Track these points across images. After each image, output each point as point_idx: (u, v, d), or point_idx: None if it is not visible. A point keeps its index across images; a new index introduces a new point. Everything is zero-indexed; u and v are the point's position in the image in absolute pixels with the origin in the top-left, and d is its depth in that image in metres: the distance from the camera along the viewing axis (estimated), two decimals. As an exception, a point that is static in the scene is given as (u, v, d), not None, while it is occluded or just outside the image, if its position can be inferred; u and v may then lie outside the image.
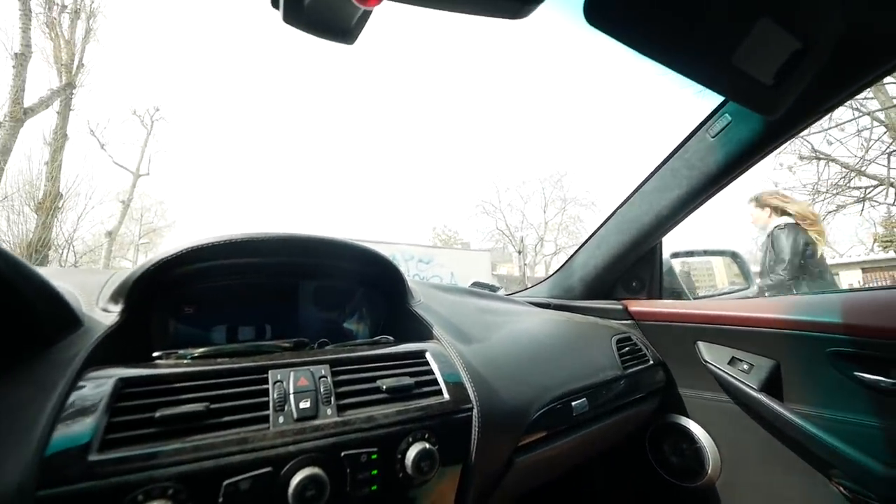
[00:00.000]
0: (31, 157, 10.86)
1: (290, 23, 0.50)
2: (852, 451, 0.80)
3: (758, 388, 0.94)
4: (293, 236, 0.71)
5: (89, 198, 14.42)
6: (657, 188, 1.13)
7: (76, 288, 0.61)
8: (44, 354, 0.47)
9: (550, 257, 21.34)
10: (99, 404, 0.43)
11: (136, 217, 18.68)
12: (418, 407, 0.59)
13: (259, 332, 0.78)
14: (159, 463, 0.41)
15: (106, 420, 0.42)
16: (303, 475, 0.46)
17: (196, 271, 0.69)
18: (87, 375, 0.46)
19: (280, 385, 0.53)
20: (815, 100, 0.80)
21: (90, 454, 0.39)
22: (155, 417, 0.44)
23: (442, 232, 25.25)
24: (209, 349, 0.58)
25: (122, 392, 0.45)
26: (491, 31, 37.66)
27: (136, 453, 0.41)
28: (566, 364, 0.91)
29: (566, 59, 36.79)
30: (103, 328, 0.54)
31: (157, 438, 0.43)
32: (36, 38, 9.51)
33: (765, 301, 1.06)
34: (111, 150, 15.18)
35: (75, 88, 11.25)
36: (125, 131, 23.41)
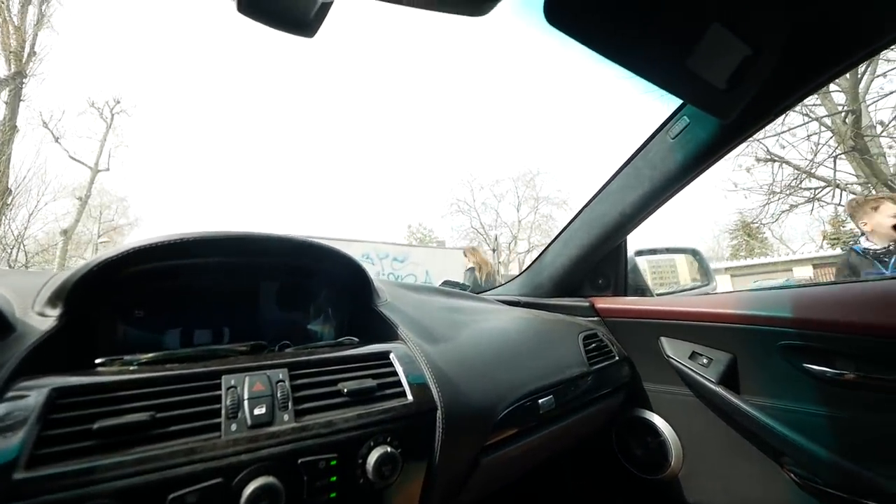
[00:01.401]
0: (-26, 151, 10.11)
1: (245, 13, 0.48)
2: (801, 438, 0.84)
3: (716, 382, 0.97)
4: (249, 235, 0.68)
5: (42, 194, 13.61)
6: (621, 187, 1.15)
7: (9, 291, 0.57)
8: None
9: (524, 255, 21.66)
10: (28, 417, 0.40)
11: (95, 215, 17.72)
12: (380, 410, 0.58)
13: (217, 336, 0.75)
14: (96, 478, 0.38)
15: (36, 434, 0.39)
16: (256, 485, 0.44)
17: (146, 272, 0.66)
18: (16, 385, 0.43)
19: (233, 391, 0.51)
20: (767, 103, 0.83)
21: (16, 472, 0.36)
22: (93, 429, 0.41)
23: (417, 230, 25.20)
24: (158, 354, 0.55)
25: (56, 403, 0.42)
26: (463, 30, 37.73)
27: (70, 469, 0.38)
28: (533, 362, 0.91)
29: (537, 59, 37.33)
30: (38, 334, 0.50)
31: (95, 452, 0.40)
32: (-21, 22, 8.85)
33: (723, 296, 1.10)
34: (67, 144, 14.35)
35: (26, 77, 10.56)
36: (82, 124, 22.12)
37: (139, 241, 0.59)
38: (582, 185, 26.99)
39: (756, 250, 18.10)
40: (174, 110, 37.09)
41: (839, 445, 0.81)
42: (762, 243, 18.21)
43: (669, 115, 1.00)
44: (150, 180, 36.17)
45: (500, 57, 38.53)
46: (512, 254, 21.88)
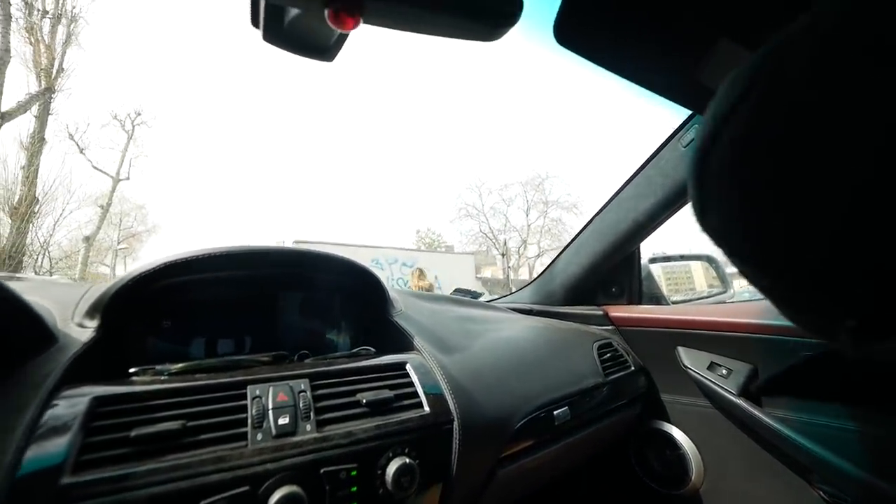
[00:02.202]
0: (6, 162, 10.58)
1: (269, 41, 0.50)
2: (830, 455, 0.80)
3: (737, 393, 0.95)
4: (273, 249, 0.71)
5: (66, 202, 14.10)
6: (633, 195, 1.15)
7: (51, 303, 0.60)
8: (16, 373, 0.46)
9: (534, 260, 21.50)
10: (73, 424, 0.42)
11: (115, 222, 18.25)
12: (398, 421, 0.59)
13: (238, 345, 0.77)
14: (134, 484, 0.41)
15: (80, 440, 0.42)
16: (281, 493, 0.46)
17: (174, 285, 0.69)
18: (61, 394, 0.45)
19: (259, 401, 0.53)
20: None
21: (63, 477, 0.39)
22: (130, 437, 0.43)
23: (426, 235, 25.24)
24: (187, 365, 0.58)
25: (97, 411, 0.45)
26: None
27: (111, 475, 0.40)
28: (548, 372, 0.91)
29: (545, 67, 37.35)
30: (79, 345, 0.53)
31: (132, 459, 0.42)
32: (15, 42, 9.29)
33: (742, 306, 1.08)
34: (90, 155, 14.86)
35: (55, 93, 11.00)
36: (105, 135, 22.93)
37: (170, 256, 0.62)
38: (592, 187, 26.73)
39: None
40: (189, 119, 38.14)
41: (871, 463, 0.78)
42: None
43: (680, 123, 1.00)
44: (168, 188, 37.16)
45: (509, 63, 38.67)
46: (522, 258, 21.74)
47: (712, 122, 0.24)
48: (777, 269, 0.24)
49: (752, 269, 0.26)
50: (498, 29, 0.46)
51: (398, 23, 0.43)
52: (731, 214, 0.25)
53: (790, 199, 0.21)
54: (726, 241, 0.26)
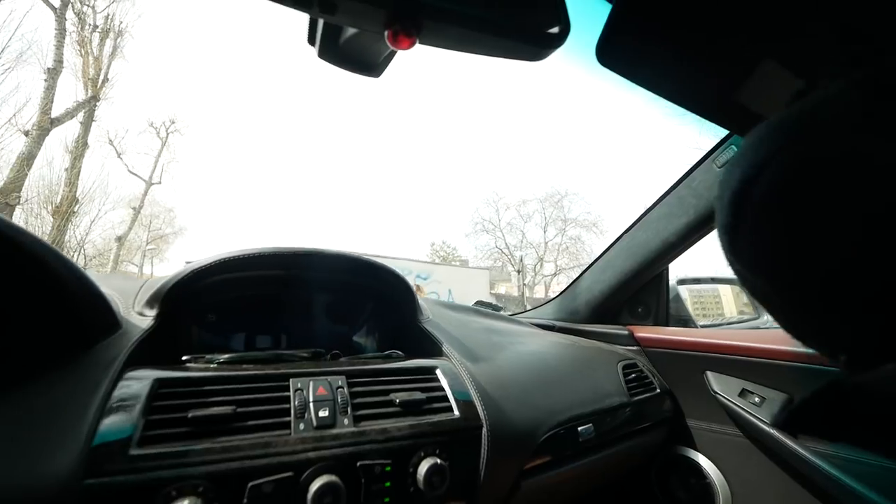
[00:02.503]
0: (52, 164, 11.19)
1: (324, 58, 0.54)
2: (871, 493, 0.76)
3: (770, 423, 0.92)
4: (316, 251, 0.74)
5: (103, 204, 14.76)
6: (664, 215, 1.15)
7: (113, 292, 0.65)
8: (88, 353, 0.50)
9: (550, 278, 21.16)
10: (138, 402, 0.46)
11: (146, 224, 18.97)
12: (430, 422, 0.61)
13: (275, 342, 0.81)
14: (191, 461, 0.44)
15: (144, 417, 0.45)
16: (321, 482, 0.48)
17: (220, 282, 0.73)
18: (126, 375, 0.49)
19: (300, 393, 0.55)
20: None
21: (131, 448, 0.42)
22: (188, 417, 0.46)
23: (440, 248, 25.26)
24: (234, 355, 0.61)
25: (158, 392, 0.48)
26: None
27: (171, 450, 0.43)
28: (572, 388, 0.91)
29: (571, 85, 37.56)
30: (140, 331, 0.57)
31: (189, 438, 0.46)
32: (67, 54, 9.94)
33: (777, 332, 1.05)
34: (127, 159, 15.62)
35: (99, 101, 11.66)
36: (141, 142, 24.07)
37: (224, 254, 0.66)
38: (612, 206, 26.38)
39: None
40: (216, 128, 39.75)
41: None
42: None
43: (716, 144, 1.01)
44: (195, 193, 38.54)
45: (532, 79, 39.07)
46: (537, 276, 21.48)
47: (760, 157, 0.26)
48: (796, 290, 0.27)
49: (772, 288, 0.28)
50: (545, 49, 0.49)
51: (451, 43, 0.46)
52: (765, 240, 0.27)
53: (814, 233, 0.24)
54: (753, 262, 0.28)
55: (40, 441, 0.40)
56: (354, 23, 0.44)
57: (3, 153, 8.15)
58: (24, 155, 8.55)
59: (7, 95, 9.04)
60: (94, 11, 11.45)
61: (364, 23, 0.42)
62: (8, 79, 7.68)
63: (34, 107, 8.98)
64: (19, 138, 8.60)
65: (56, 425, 0.41)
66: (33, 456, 0.38)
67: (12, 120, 8.38)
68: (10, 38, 8.04)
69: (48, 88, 9.23)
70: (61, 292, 0.48)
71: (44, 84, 9.22)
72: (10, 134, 8.30)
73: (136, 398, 0.46)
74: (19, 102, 9.23)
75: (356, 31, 0.48)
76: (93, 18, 11.61)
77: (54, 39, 9.62)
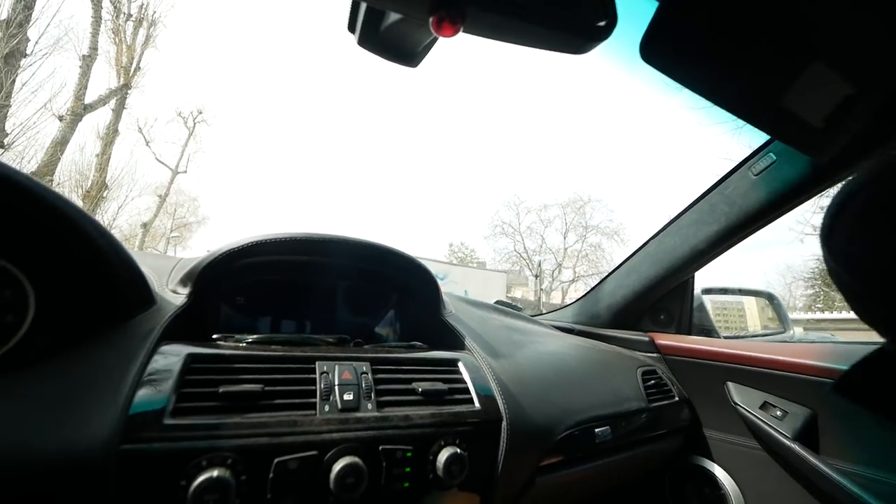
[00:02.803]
0: (84, 149, 11.57)
1: (364, 46, 0.54)
2: None
3: (791, 437, 0.90)
4: (345, 238, 0.75)
5: (130, 190, 15.20)
6: (694, 222, 1.13)
7: (148, 270, 0.67)
8: (125, 325, 0.52)
9: (568, 284, 20.94)
10: (172, 376, 0.47)
11: (170, 212, 19.47)
12: (451, 413, 0.61)
13: (299, 326, 0.82)
14: (221, 434, 0.45)
15: (177, 390, 0.46)
16: (344, 462, 0.49)
17: (251, 264, 0.74)
18: (161, 349, 0.51)
19: (326, 376, 0.56)
20: (871, 142, 0.78)
21: (165, 418, 0.43)
22: (219, 392, 0.48)
23: (458, 249, 25.25)
24: (262, 336, 0.62)
25: (190, 366, 0.50)
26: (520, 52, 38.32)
27: (203, 422, 0.45)
28: (590, 390, 0.91)
29: (599, 89, 37.09)
30: (173, 308, 0.59)
31: (220, 412, 0.47)
32: (102, 42, 10.26)
33: (802, 346, 1.03)
34: (155, 148, 16.07)
35: (131, 89, 12.01)
36: (169, 131, 24.73)
37: (257, 236, 0.68)
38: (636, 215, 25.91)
39: (838, 303, 16.15)
40: (243, 121, 40.52)
41: None
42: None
43: (753, 151, 0.98)
44: (219, 183, 39.41)
45: (557, 82, 38.70)
46: (555, 281, 21.27)
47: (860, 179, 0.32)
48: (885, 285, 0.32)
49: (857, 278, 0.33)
50: (589, 42, 0.48)
51: (495, 33, 0.46)
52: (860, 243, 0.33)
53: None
54: (845, 258, 0.34)
55: (81, 407, 0.41)
56: (399, 8, 0.44)
57: (38, 137, 8.46)
58: (58, 139, 8.86)
59: (43, 80, 9.40)
60: (129, 0, 11.80)
61: (409, 8, 0.42)
62: (45, 64, 8.01)
63: (68, 92, 9.30)
64: (53, 123, 8.92)
65: (95, 393, 0.43)
66: (75, 421, 0.40)
67: (48, 105, 8.70)
68: (48, 25, 8.33)
69: (82, 75, 9.55)
70: (100, 264, 0.50)
71: (78, 70, 9.54)
72: (45, 118, 8.61)
73: (169, 371, 0.47)
74: (55, 88, 9.58)
75: (398, 18, 0.48)
76: (128, 7, 11.96)
77: (90, 27, 9.94)
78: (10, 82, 7.28)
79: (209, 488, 0.41)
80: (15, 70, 7.44)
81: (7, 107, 7.27)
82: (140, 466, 0.41)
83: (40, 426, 0.39)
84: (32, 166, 8.31)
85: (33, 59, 7.84)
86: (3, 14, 7.39)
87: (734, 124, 1.30)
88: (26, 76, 7.79)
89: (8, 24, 7.34)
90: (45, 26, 8.27)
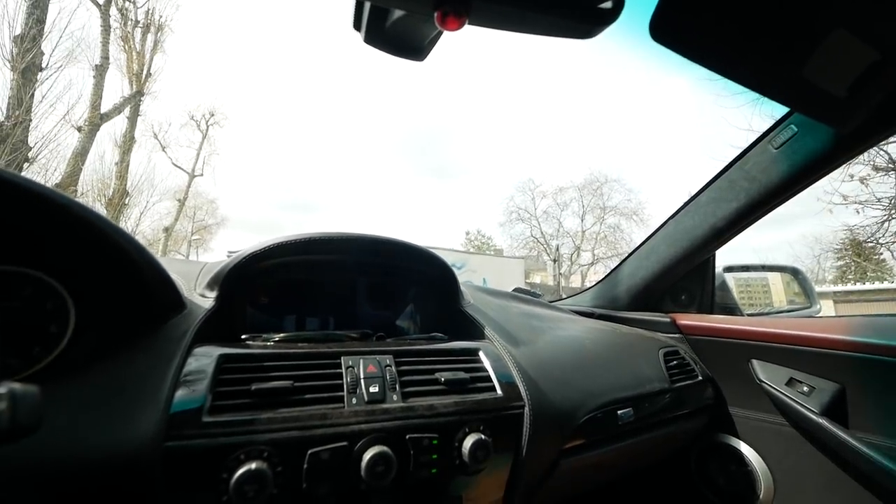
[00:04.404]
0: (103, 158, 11.89)
1: (370, 43, 0.54)
2: None
3: (819, 413, 0.89)
4: (365, 237, 0.77)
5: (150, 195, 15.60)
6: (713, 199, 1.11)
7: (177, 276, 0.70)
8: (160, 330, 0.55)
9: (587, 268, 20.71)
10: (206, 376, 0.50)
11: (190, 215, 19.93)
12: (474, 401, 0.63)
13: (323, 323, 0.85)
14: (256, 429, 0.47)
15: (213, 389, 0.49)
16: (374, 451, 0.51)
17: (274, 265, 0.77)
18: (194, 351, 0.53)
19: (352, 370, 0.58)
20: (894, 111, 0.76)
21: (203, 416, 0.46)
22: (251, 390, 0.50)
23: (475, 237, 25.21)
24: (289, 335, 0.65)
25: (223, 366, 0.52)
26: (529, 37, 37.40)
27: (239, 419, 0.47)
28: (612, 372, 0.91)
29: (607, 68, 36.03)
30: (203, 311, 0.62)
31: (253, 408, 0.49)
32: (112, 50, 10.43)
33: (828, 321, 1.01)
34: (171, 153, 16.42)
35: (143, 96, 12.23)
36: (183, 135, 25.21)
37: (278, 238, 0.70)
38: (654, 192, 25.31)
39: (870, 273, 15.41)
40: (252, 120, 40.93)
41: None
42: (878, 266, 15.40)
43: (773, 124, 0.95)
44: (233, 184, 40.14)
45: (565, 63, 37.77)
46: (574, 265, 21.05)
47: None
48: None
49: None
50: (597, 27, 0.47)
51: (501, 23, 0.45)
52: None
53: None
54: None
55: (126, 407, 0.44)
56: (404, 5, 0.43)
57: (59, 149, 8.72)
58: (78, 150, 9.12)
59: (61, 93, 9.64)
60: (135, 6, 11.93)
61: (414, 5, 0.42)
62: (61, 77, 8.20)
63: (85, 103, 9.53)
64: (73, 134, 9.17)
65: (137, 394, 0.45)
66: (121, 420, 0.43)
67: (66, 116, 8.94)
68: (60, 37, 8.51)
69: (97, 85, 9.76)
70: (133, 274, 0.52)
71: (92, 81, 9.75)
72: (64, 130, 8.86)
73: (204, 372, 0.50)
74: (71, 99, 9.82)
75: (403, 14, 0.48)
76: (134, 14, 12.11)
77: (100, 36, 10.11)
78: (28, 96, 7.49)
79: (249, 480, 0.44)
80: (32, 84, 7.65)
81: (28, 121, 7.50)
82: (184, 462, 0.44)
83: (91, 427, 0.42)
84: (56, 178, 8.59)
85: (49, 71, 8.04)
86: (18, 29, 7.58)
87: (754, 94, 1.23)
88: (44, 89, 8.01)
89: (22, 39, 7.53)
90: (58, 39, 8.45)
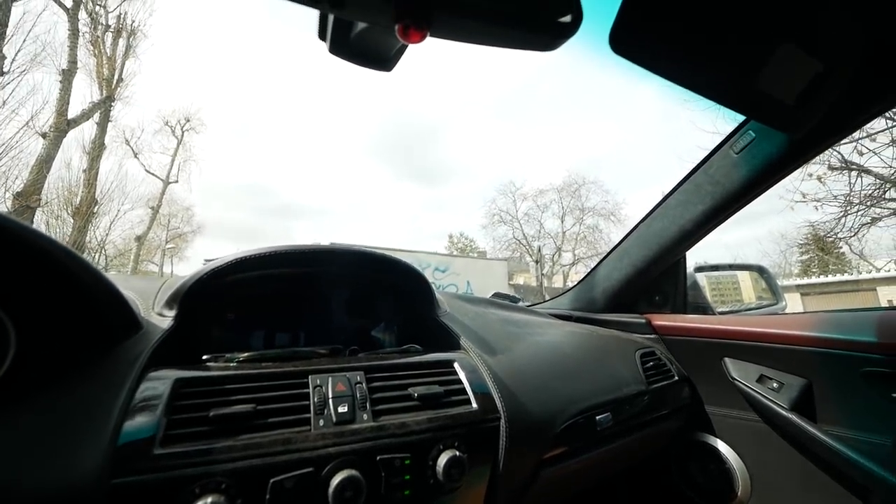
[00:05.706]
0: (70, 165, 11.45)
1: (335, 53, 0.53)
2: (890, 475, 0.77)
3: (788, 408, 0.92)
4: (330, 248, 0.75)
5: (121, 204, 15.10)
6: (681, 202, 1.13)
7: (133, 294, 0.66)
8: (111, 353, 0.51)
9: (568, 268, 21.02)
10: (160, 402, 0.47)
11: (164, 223, 19.35)
12: (448, 415, 0.61)
13: (293, 339, 0.82)
14: (214, 459, 0.45)
15: (167, 417, 0.46)
16: (342, 476, 0.49)
17: (238, 280, 0.73)
18: (148, 375, 0.50)
19: (319, 389, 0.56)
20: (844, 116, 0.79)
21: (155, 448, 0.43)
22: (209, 416, 0.47)
23: (458, 240, 25.27)
24: (254, 353, 0.62)
25: (179, 391, 0.49)
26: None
27: (195, 448, 0.44)
28: (590, 377, 0.91)
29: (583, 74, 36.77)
30: (160, 331, 0.59)
31: (211, 436, 0.46)
32: (81, 55, 10.08)
33: (794, 317, 1.04)
34: (143, 159, 15.93)
35: (114, 101, 11.84)
36: (157, 141, 24.46)
37: (241, 253, 0.67)
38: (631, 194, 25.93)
39: (832, 266, 16.28)
40: (228, 124, 40.13)
41: None
42: (839, 259, 16.33)
43: (733, 129, 0.98)
44: (209, 190, 39.20)
45: (542, 69, 38.33)
46: (556, 266, 21.32)
47: None
48: None
49: None
50: (557, 40, 0.47)
51: (462, 36, 0.45)
52: None
53: None
54: None
55: (68, 441, 0.41)
56: (364, 17, 0.43)
57: (22, 156, 8.35)
58: (43, 157, 8.75)
59: (24, 98, 9.25)
60: (105, 11, 11.56)
61: (374, 17, 0.41)
62: (24, 81, 7.86)
63: (51, 109, 9.17)
64: (37, 141, 8.80)
65: (82, 425, 0.42)
66: (62, 456, 0.40)
67: (30, 123, 8.58)
68: (24, 41, 8.18)
69: (63, 90, 9.40)
70: (80, 294, 0.49)
71: (59, 86, 9.39)
72: (28, 137, 8.50)
73: (158, 398, 0.47)
74: (36, 105, 9.44)
75: (367, 26, 0.47)
76: (105, 18, 11.73)
77: (68, 40, 9.76)
78: (-12, 103, 7.16)
79: None
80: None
81: (-12, 128, 7.16)
82: (132, 499, 0.41)
83: (30, 463, 0.38)
84: (18, 186, 8.22)
85: (11, 76, 7.70)
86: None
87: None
88: (5, 94, 7.66)
89: (-19, 44, 7.20)
90: (22, 42, 8.11)
